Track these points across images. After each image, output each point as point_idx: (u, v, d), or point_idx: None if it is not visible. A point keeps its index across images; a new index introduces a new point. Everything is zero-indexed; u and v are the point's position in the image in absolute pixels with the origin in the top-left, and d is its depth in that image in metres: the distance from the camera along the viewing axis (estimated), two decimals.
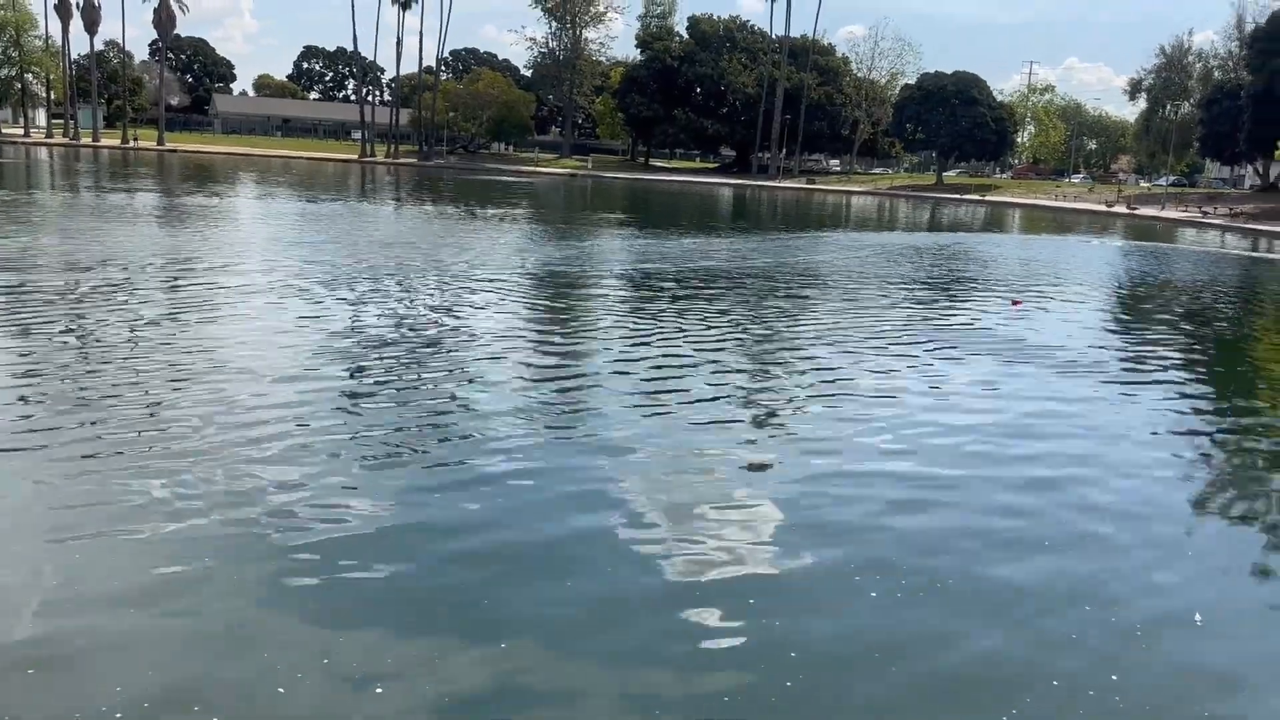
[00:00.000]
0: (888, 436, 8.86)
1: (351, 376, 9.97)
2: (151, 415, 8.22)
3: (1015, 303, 18.72)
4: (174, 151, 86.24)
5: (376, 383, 9.85)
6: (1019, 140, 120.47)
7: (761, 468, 7.88)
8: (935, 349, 13.32)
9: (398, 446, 7.78)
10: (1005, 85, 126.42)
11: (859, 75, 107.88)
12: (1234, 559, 6.70)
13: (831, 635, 5.22)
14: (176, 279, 15.98)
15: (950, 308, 18.00)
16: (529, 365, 11.09)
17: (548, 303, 16.68)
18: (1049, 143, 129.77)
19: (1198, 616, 5.61)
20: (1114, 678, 4.88)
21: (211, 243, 21.88)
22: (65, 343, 11.00)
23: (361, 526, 6.21)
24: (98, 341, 11.05)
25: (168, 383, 9.27)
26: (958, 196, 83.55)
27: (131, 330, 11.68)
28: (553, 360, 11.51)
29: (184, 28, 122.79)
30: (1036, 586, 5.93)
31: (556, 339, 13.09)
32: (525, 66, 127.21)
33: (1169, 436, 9.68)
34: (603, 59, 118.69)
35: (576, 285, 18.76)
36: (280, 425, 8.10)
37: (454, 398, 9.39)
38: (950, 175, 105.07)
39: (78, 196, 35.08)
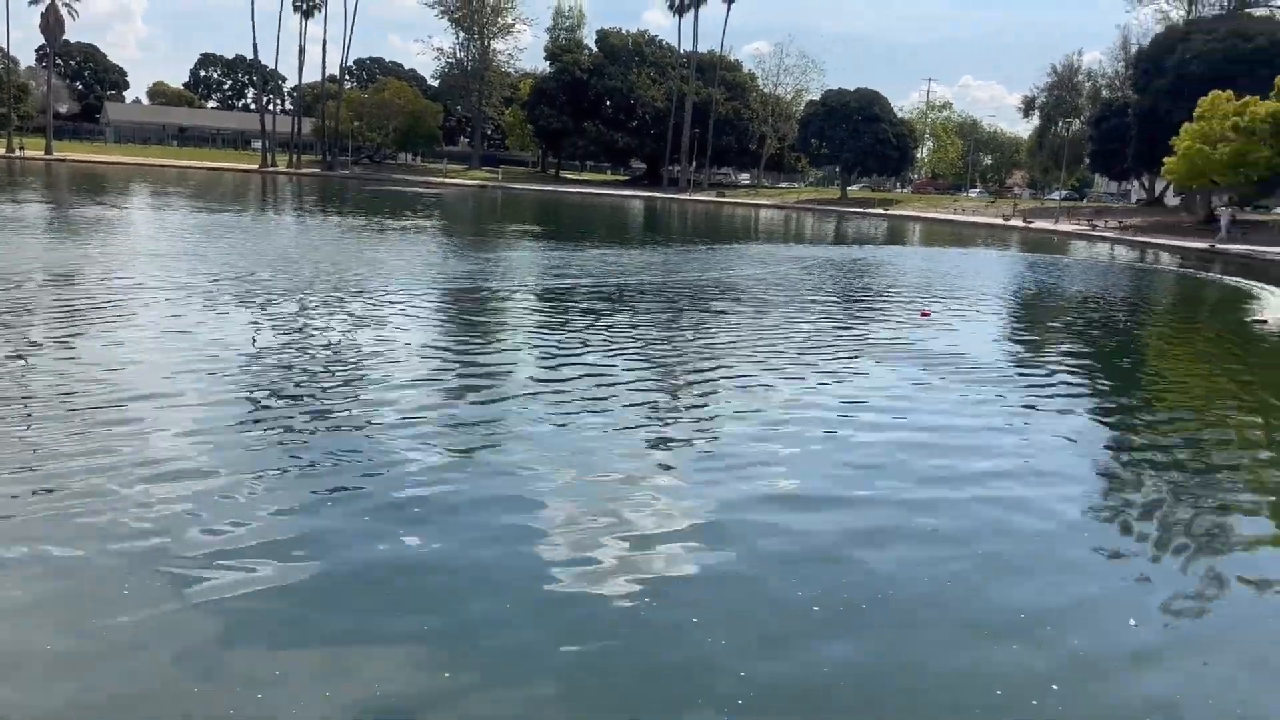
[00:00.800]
0: (800, 444, 8.87)
1: (253, 401, 9.47)
2: (38, 439, 7.70)
3: (924, 314, 19.07)
4: (63, 161, 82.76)
5: (279, 406, 9.41)
6: (919, 156, 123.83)
7: (674, 479, 7.76)
8: (846, 360, 13.42)
9: (301, 471, 7.42)
10: (905, 102, 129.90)
11: (765, 91, 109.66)
12: (1152, 557, 6.83)
13: (737, 638, 5.13)
14: (62, 297, 15.12)
15: (861, 319, 18.23)
16: (440, 383, 10.76)
17: (458, 318, 16.36)
18: (947, 158, 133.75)
19: (1131, 620, 5.68)
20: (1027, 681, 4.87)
21: (101, 258, 20.89)
22: None
23: (265, 554, 5.87)
24: None
25: (55, 404, 8.72)
26: (862, 210, 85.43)
27: (12, 352, 10.98)
28: (465, 377, 11.20)
29: (73, 33, 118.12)
30: (945, 591, 5.95)
31: (469, 356, 12.77)
32: (432, 77, 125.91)
33: (1070, 438, 9.94)
34: (511, 70, 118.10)
35: (489, 300, 18.45)
36: (178, 449, 7.68)
37: (360, 418, 9.03)
38: (853, 190, 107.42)
39: None
